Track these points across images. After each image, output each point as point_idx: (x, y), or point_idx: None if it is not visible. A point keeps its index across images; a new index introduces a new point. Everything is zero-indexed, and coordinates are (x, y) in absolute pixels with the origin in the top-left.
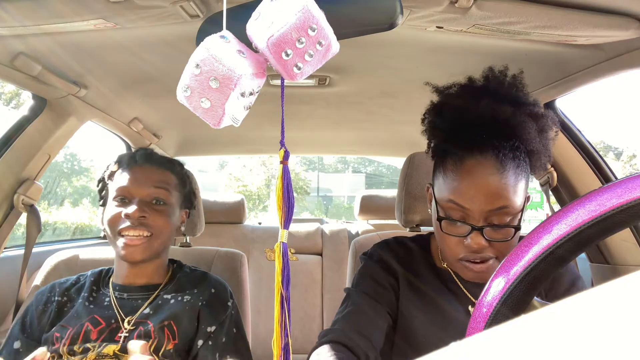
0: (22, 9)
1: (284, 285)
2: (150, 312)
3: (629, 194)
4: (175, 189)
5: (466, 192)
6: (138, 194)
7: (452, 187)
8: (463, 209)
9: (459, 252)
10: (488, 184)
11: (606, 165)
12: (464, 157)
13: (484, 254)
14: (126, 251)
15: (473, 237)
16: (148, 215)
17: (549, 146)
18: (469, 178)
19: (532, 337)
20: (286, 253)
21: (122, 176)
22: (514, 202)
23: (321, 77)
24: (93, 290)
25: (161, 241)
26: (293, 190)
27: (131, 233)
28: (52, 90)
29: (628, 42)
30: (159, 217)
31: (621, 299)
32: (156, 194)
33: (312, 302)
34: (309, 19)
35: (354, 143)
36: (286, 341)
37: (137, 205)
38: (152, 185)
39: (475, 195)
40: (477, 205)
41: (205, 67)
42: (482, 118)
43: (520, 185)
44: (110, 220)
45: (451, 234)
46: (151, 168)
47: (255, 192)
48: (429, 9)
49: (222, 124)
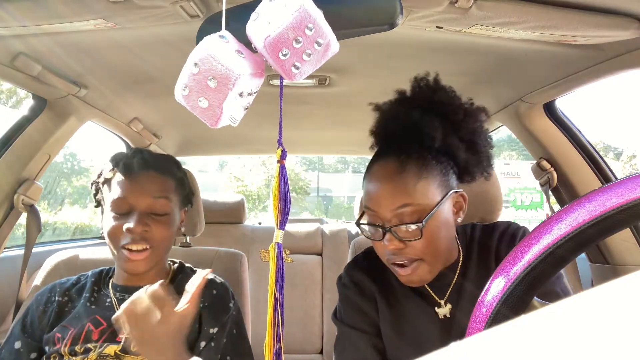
0: (22, 9)
1: (278, 287)
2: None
3: (629, 194)
4: (175, 193)
5: (373, 196)
6: (138, 206)
7: (365, 194)
8: (374, 212)
9: (384, 255)
10: (388, 185)
11: (606, 165)
12: (372, 164)
13: (407, 255)
14: (129, 265)
15: (388, 239)
16: (149, 229)
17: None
18: (374, 181)
19: (532, 337)
20: (281, 254)
21: (119, 185)
22: (417, 200)
23: (321, 77)
24: (94, 291)
25: (163, 250)
26: (291, 190)
27: (133, 247)
28: (52, 90)
29: (628, 42)
30: (161, 228)
31: (621, 299)
32: (157, 205)
33: (312, 302)
34: (306, 19)
35: (354, 143)
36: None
37: (137, 218)
38: (152, 195)
39: (379, 196)
40: (382, 206)
41: (203, 66)
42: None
43: (425, 184)
44: (110, 233)
45: (372, 239)
46: (150, 175)
47: (255, 192)
48: (429, 9)
49: (220, 123)
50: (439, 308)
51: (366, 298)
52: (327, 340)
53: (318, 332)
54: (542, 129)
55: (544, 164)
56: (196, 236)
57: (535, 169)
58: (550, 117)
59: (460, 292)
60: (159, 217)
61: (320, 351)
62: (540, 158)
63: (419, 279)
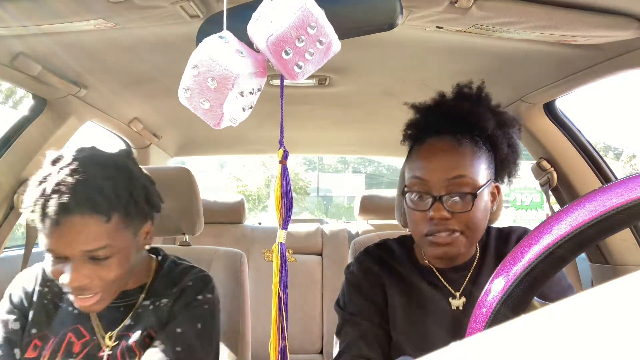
0: (22, 9)
1: (282, 286)
2: (132, 323)
3: (629, 194)
4: (120, 229)
5: (426, 166)
6: (70, 254)
7: (414, 166)
8: (424, 181)
9: (424, 227)
10: (445, 155)
11: (606, 165)
12: (422, 141)
13: (450, 227)
14: (82, 307)
15: (435, 209)
16: (90, 279)
17: (513, 142)
18: (428, 153)
19: (532, 337)
20: (284, 254)
21: (42, 232)
22: (471, 172)
23: (321, 77)
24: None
25: (118, 285)
26: (292, 191)
27: (80, 296)
28: (52, 90)
29: (628, 42)
30: (105, 271)
31: (621, 299)
32: (94, 254)
33: (312, 302)
34: (308, 17)
35: (354, 143)
36: (283, 344)
37: (72, 269)
38: (82, 247)
39: (434, 166)
40: (436, 176)
41: (202, 67)
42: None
43: (478, 162)
44: (51, 274)
45: (416, 209)
46: (76, 221)
47: (255, 192)
48: (429, 9)
49: (222, 124)
50: (453, 299)
51: (374, 285)
52: (327, 340)
53: (318, 332)
54: (542, 129)
55: (544, 164)
56: (196, 235)
57: (535, 169)
58: (550, 117)
59: (474, 287)
60: (100, 262)
61: (320, 351)
62: (540, 158)
63: (457, 251)
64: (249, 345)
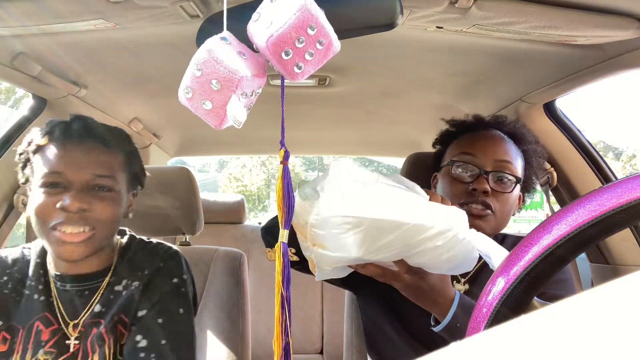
0: (22, 9)
1: (285, 285)
2: (103, 310)
3: (629, 194)
4: (122, 170)
5: (478, 143)
6: (76, 180)
7: (465, 143)
8: (474, 156)
9: (461, 198)
10: (497, 141)
11: (606, 165)
12: (476, 130)
13: (485, 199)
14: (62, 248)
15: (479, 181)
16: (89, 207)
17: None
18: (481, 136)
19: (532, 337)
20: (286, 253)
21: (53, 155)
22: (515, 163)
23: (321, 77)
24: (41, 275)
25: (106, 235)
26: (293, 190)
27: (69, 230)
28: (52, 90)
29: (628, 42)
30: (104, 206)
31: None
32: (99, 182)
33: (312, 302)
34: (308, 18)
35: (354, 143)
36: (287, 341)
37: (75, 193)
38: (94, 170)
39: (488, 144)
40: (488, 153)
41: (206, 69)
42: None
43: (520, 161)
44: (39, 211)
45: (459, 179)
46: (92, 145)
47: (255, 192)
48: (429, 9)
49: (224, 125)
50: (458, 283)
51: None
52: (327, 340)
53: (318, 332)
54: (542, 129)
55: (544, 164)
56: (195, 235)
57: None
58: (550, 117)
59: (478, 278)
60: (102, 193)
61: (320, 351)
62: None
63: (485, 228)
64: (249, 345)
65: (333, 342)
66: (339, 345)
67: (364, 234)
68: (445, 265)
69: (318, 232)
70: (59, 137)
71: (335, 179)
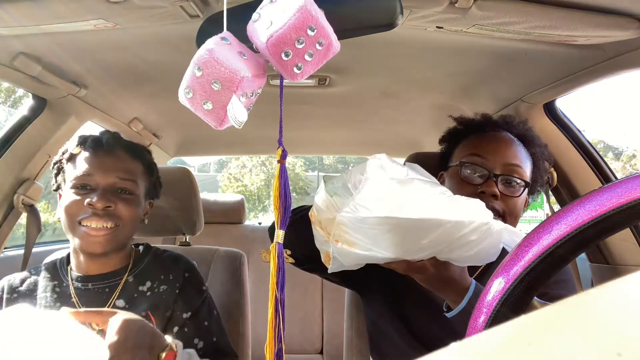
0: (22, 9)
1: (279, 287)
2: (126, 306)
3: (629, 194)
4: (142, 179)
5: (489, 147)
6: (103, 182)
7: (474, 144)
8: (484, 159)
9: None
10: (507, 143)
11: (606, 165)
12: (485, 131)
13: (494, 205)
14: (86, 241)
15: (488, 184)
16: (114, 205)
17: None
18: (492, 138)
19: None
20: (282, 254)
21: (85, 161)
22: (524, 168)
23: (321, 77)
24: (55, 287)
25: (126, 233)
26: (291, 191)
27: (94, 224)
28: (52, 90)
29: (628, 42)
30: (126, 206)
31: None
32: (122, 185)
33: (312, 302)
34: (308, 19)
35: (354, 143)
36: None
37: (101, 194)
38: (119, 174)
39: (498, 147)
40: (498, 156)
41: (207, 69)
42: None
43: (529, 165)
44: (69, 208)
45: (468, 181)
46: (118, 154)
47: (255, 192)
48: (429, 9)
49: (225, 125)
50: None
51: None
52: (327, 340)
53: (318, 332)
54: (542, 129)
55: (550, 167)
56: (196, 235)
57: None
58: (550, 117)
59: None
60: (124, 195)
61: (320, 351)
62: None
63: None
64: (249, 345)
65: (333, 342)
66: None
67: (404, 234)
68: (473, 258)
69: (349, 231)
70: (90, 147)
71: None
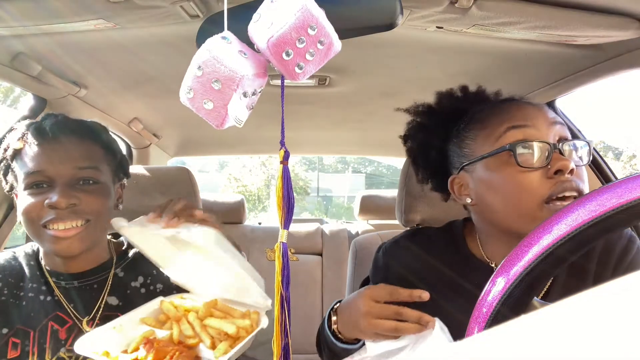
0: (22, 9)
1: (284, 285)
2: (120, 304)
3: (629, 194)
4: (105, 162)
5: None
6: (59, 176)
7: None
8: (527, 127)
9: (544, 189)
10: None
11: (606, 165)
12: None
13: (573, 183)
14: (58, 246)
15: (556, 158)
16: (78, 201)
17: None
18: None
19: (532, 337)
20: (286, 253)
21: (31, 155)
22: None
23: (321, 77)
24: (39, 276)
25: (100, 227)
26: (293, 191)
27: (61, 226)
28: (52, 90)
29: (628, 42)
30: (92, 199)
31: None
32: (83, 174)
33: (312, 302)
34: (309, 19)
35: (354, 143)
36: (286, 341)
37: (60, 190)
38: (75, 163)
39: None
40: (541, 117)
41: (207, 68)
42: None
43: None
44: (27, 212)
45: (531, 166)
46: (69, 140)
47: (255, 193)
48: (429, 9)
49: (226, 124)
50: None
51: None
52: None
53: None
54: None
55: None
56: None
57: None
58: None
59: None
60: (88, 187)
61: None
62: None
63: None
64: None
65: None
66: None
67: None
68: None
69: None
70: (34, 137)
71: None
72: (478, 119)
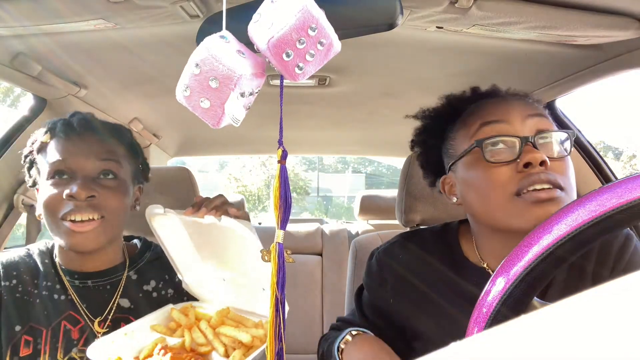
0: (22, 9)
1: (279, 287)
2: (132, 307)
3: (629, 194)
4: (126, 161)
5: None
6: (81, 168)
7: (480, 115)
8: (502, 122)
9: (512, 184)
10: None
11: (606, 165)
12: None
13: (548, 175)
14: (73, 239)
15: (527, 150)
16: (97, 194)
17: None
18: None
19: (532, 337)
20: (282, 254)
21: (57, 148)
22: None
23: (321, 77)
24: (54, 275)
25: (116, 224)
26: (291, 191)
27: (78, 217)
28: (52, 90)
29: (628, 42)
30: (110, 194)
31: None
32: (104, 166)
33: (312, 302)
34: (309, 19)
35: (354, 143)
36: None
37: (81, 182)
38: (98, 157)
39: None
40: (516, 111)
41: (205, 67)
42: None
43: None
44: (47, 203)
45: (500, 159)
46: (95, 136)
47: (255, 193)
48: (429, 9)
49: (222, 123)
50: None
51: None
52: None
53: (318, 333)
54: None
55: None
56: None
57: None
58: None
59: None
60: (107, 181)
61: None
62: None
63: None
64: None
65: None
66: None
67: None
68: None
69: None
70: (61, 132)
71: None
72: (461, 118)
